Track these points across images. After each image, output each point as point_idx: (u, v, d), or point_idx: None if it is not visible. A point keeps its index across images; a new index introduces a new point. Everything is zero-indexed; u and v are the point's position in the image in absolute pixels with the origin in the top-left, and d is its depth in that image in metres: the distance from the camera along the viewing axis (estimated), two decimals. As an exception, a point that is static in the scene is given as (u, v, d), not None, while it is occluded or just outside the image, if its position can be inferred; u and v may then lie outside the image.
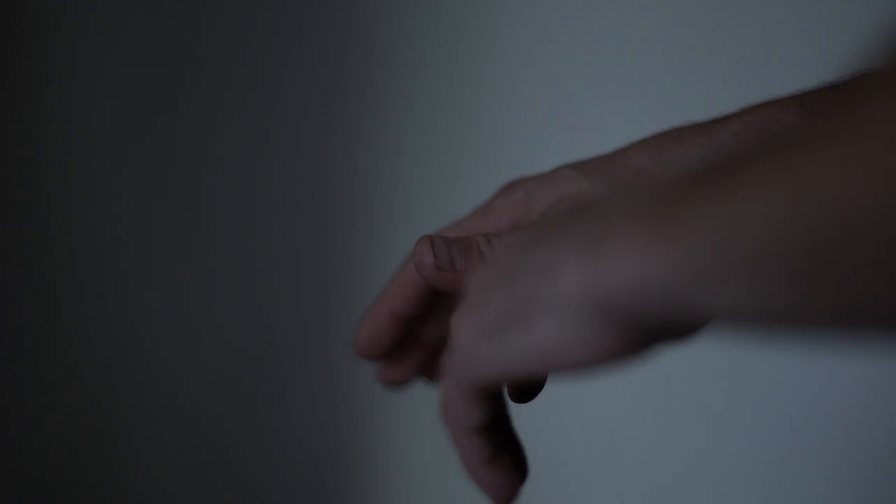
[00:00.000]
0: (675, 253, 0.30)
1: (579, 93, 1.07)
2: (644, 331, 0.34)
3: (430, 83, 1.09)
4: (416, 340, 0.55)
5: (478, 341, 0.37)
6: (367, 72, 1.09)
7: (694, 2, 1.04)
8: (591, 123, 1.06)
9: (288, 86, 1.10)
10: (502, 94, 1.08)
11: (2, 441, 1.15)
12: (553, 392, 1.09)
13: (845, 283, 0.27)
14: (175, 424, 1.16)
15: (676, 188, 0.31)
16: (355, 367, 1.15)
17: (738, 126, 0.44)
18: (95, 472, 1.17)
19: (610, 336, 0.34)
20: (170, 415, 1.16)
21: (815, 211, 0.27)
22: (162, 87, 1.11)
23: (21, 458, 1.15)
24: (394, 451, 1.16)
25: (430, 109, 1.09)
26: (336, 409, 1.15)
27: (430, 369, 0.57)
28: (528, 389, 0.44)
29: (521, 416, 1.17)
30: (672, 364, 1.07)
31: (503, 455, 0.42)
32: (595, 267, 0.33)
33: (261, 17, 1.09)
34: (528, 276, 0.36)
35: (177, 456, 1.17)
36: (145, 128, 1.11)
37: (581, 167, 0.48)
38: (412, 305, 0.52)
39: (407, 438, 1.15)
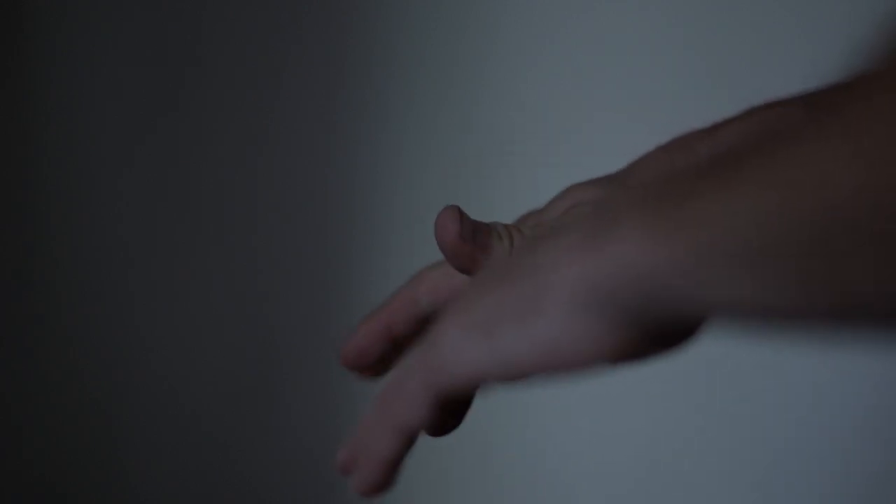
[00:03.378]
0: (674, 247, 0.31)
1: (580, 93, 1.07)
2: (642, 327, 0.34)
3: (430, 83, 1.09)
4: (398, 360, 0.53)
5: (464, 340, 0.36)
6: (368, 72, 1.09)
7: (694, 2, 1.04)
8: (591, 123, 1.06)
9: (288, 86, 1.10)
10: (502, 94, 1.08)
11: (2, 441, 1.15)
12: (551, 393, 1.09)
13: (838, 276, 0.27)
14: (175, 424, 1.16)
15: (678, 183, 0.32)
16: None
17: (742, 127, 0.44)
18: (95, 472, 1.17)
19: (608, 331, 0.34)
20: (170, 415, 1.16)
21: (805, 205, 0.27)
22: (162, 87, 1.11)
23: (21, 458, 1.15)
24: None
25: (430, 109, 1.09)
26: (336, 409, 1.15)
27: None
28: (452, 414, 0.41)
29: (520, 416, 1.16)
30: (670, 363, 1.06)
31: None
32: (595, 258, 0.33)
33: (261, 17, 1.09)
34: (526, 275, 0.35)
35: (177, 456, 1.17)
36: (145, 128, 1.11)
37: (590, 183, 0.48)
38: (409, 326, 0.49)
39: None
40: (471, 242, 0.44)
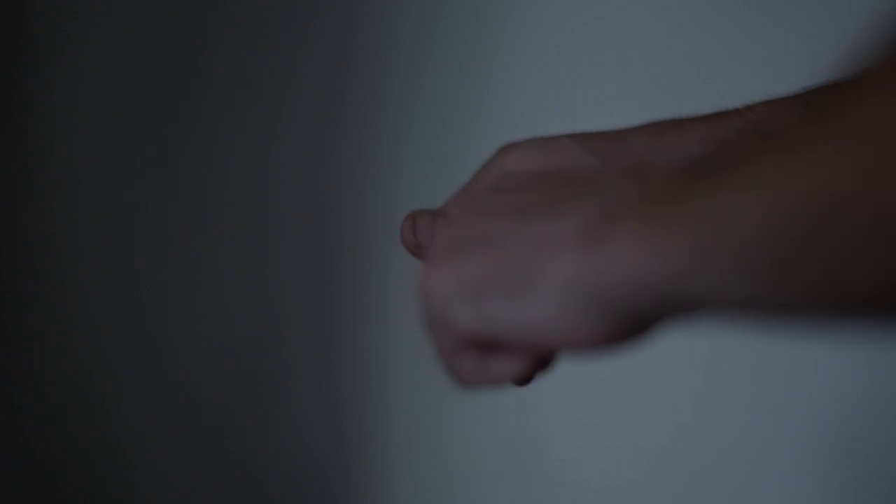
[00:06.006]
0: (670, 249, 0.31)
1: (583, 93, 1.07)
2: (635, 319, 0.34)
3: (432, 85, 1.09)
4: None
5: (455, 301, 0.37)
6: (370, 75, 1.10)
7: (699, 9, 1.04)
8: (594, 123, 1.06)
9: (291, 88, 1.11)
10: (506, 94, 1.08)
11: (2, 441, 1.15)
12: (553, 385, 1.09)
13: (823, 273, 0.28)
14: (176, 424, 1.16)
15: (673, 183, 0.33)
16: (356, 367, 1.15)
17: (740, 122, 0.45)
18: (95, 472, 1.17)
19: (600, 322, 0.34)
20: (170, 415, 1.16)
21: (794, 213, 0.28)
22: (169, 87, 1.11)
23: (21, 458, 1.15)
24: (394, 451, 1.16)
25: (434, 110, 1.10)
26: (336, 409, 1.15)
27: None
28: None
29: (517, 416, 1.16)
30: (666, 360, 1.07)
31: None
32: (592, 257, 0.34)
33: (265, 17, 1.10)
34: (519, 249, 0.36)
35: (177, 456, 1.17)
36: (148, 129, 1.12)
37: (580, 140, 0.48)
38: None
39: (407, 438, 1.15)
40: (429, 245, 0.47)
